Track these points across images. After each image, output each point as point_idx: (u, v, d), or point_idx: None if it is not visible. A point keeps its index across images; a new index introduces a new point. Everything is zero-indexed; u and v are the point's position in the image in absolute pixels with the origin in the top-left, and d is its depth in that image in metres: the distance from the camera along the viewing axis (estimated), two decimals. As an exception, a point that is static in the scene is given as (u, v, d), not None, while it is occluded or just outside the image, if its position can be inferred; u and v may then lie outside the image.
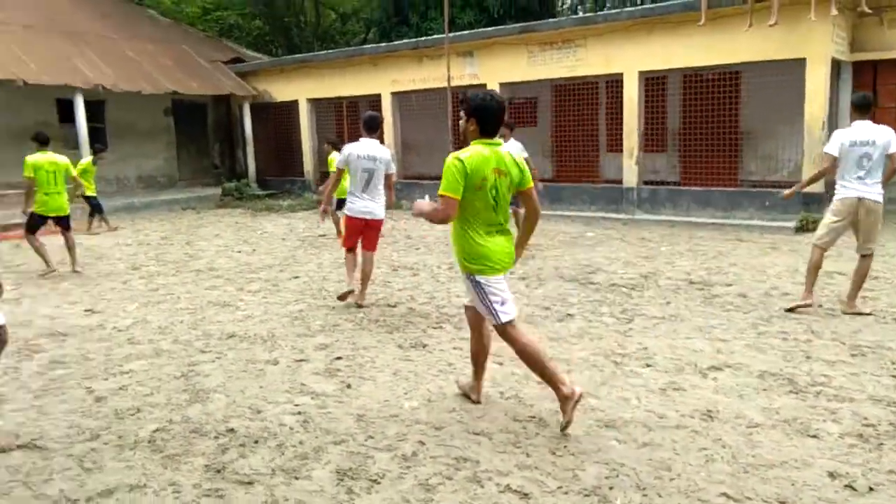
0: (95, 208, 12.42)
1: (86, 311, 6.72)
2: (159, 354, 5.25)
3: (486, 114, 3.71)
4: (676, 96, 13.28)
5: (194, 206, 16.40)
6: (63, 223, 8.69)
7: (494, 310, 3.79)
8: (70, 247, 8.76)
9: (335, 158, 8.82)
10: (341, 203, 10.76)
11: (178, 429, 3.85)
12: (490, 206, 3.69)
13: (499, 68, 14.32)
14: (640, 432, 3.68)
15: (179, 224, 13.77)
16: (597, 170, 14.33)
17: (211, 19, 25.33)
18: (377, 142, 6.60)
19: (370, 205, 6.61)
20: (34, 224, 8.60)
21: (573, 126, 13.93)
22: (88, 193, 12.03)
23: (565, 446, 3.51)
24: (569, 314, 6.19)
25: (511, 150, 3.81)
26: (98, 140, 15.28)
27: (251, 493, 3.12)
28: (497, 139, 3.78)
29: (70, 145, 15.02)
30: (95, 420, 4.00)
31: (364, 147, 6.51)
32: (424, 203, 3.87)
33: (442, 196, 3.62)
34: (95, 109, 16.07)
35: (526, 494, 3.05)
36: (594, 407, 4.03)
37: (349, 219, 6.70)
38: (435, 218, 3.72)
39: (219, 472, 3.33)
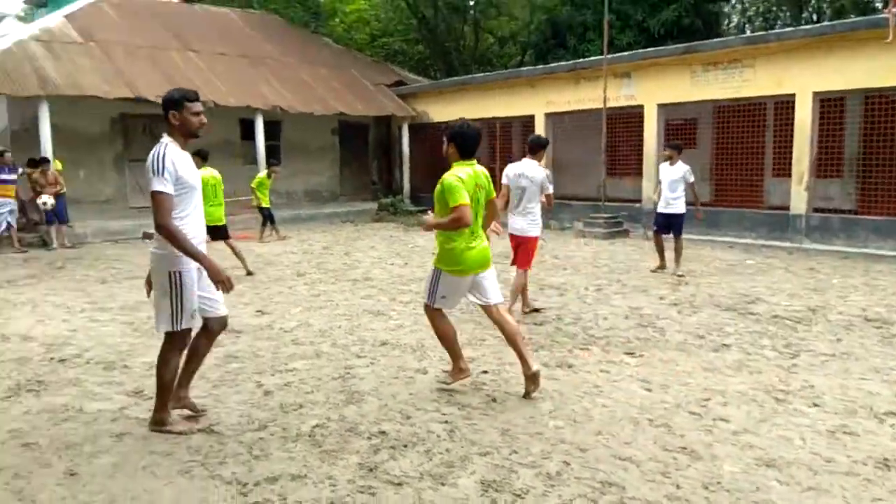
0: (268, 218, 13.48)
1: (257, 311, 7.31)
2: (319, 356, 5.61)
3: (463, 139, 4.46)
4: (856, 119, 12.26)
5: (353, 220, 17.34)
6: (221, 233, 9.49)
7: (433, 295, 4.66)
8: (236, 253, 9.60)
9: None
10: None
11: (335, 426, 4.10)
12: (473, 215, 4.39)
13: (657, 89, 13.96)
14: (805, 475, 3.43)
15: (339, 235, 14.62)
16: (760, 195, 13.52)
17: (378, 45, 26.82)
18: (535, 163, 6.81)
19: (521, 222, 6.79)
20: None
21: (736, 149, 13.25)
22: (263, 205, 13.10)
23: (719, 482, 3.35)
24: (724, 344, 5.89)
25: (677, 172, 4.19)
26: (273, 156, 16.66)
27: (400, 495, 3.26)
28: (472, 160, 4.52)
29: (248, 160, 16.48)
30: (263, 412, 4.35)
31: (520, 167, 6.81)
32: (431, 217, 4.52)
33: (457, 206, 4.27)
34: (273, 128, 17.52)
35: (675, 526, 2.95)
36: (752, 444, 3.81)
37: (510, 236, 6.99)
38: (458, 225, 4.33)
39: (371, 470, 3.51)
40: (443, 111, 18.69)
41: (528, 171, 6.77)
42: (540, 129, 16.24)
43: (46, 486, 3.34)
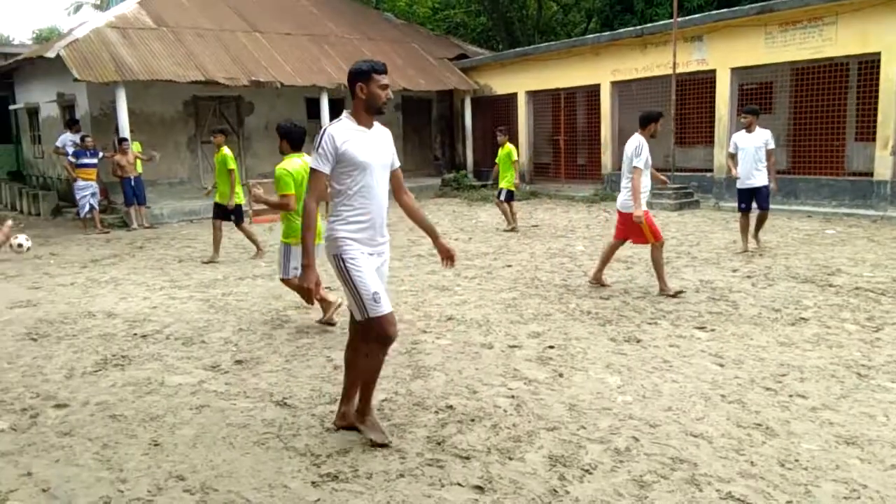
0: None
1: (325, 288, 7.46)
2: (386, 331, 5.69)
3: (292, 135, 5.67)
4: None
5: (416, 195, 17.37)
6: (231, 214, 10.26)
7: (286, 268, 5.84)
8: (249, 236, 10.11)
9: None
10: (510, 194, 11.13)
11: (403, 400, 4.17)
12: (298, 199, 5.35)
13: (730, 52, 13.38)
14: (888, 453, 3.29)
15: (403, 212, 14.69)
16: (841, 161, 12.85)
17: (439, 18, 26.62)
18: (636, 134, 6.77)
19: (620, 198, 6.86)
20: None
21: (815, 113, 12.60)
22: None
23: (797, 460, 3.25)
24: (802, 318, 5.66)
25: (758, 139, 4.36)
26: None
27: (468, 468, 3.29)
28: (301, 152, 5.68)
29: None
30: (334, 386, 4.46)
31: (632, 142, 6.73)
32: (261, 192, 5.60)
33: (284, 195, 5.49)
34: (337, 106, 17.69)
35: (749, 504, 2.88)
36: (832, 421, 3.67)
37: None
38: (284, 209, 5.62)
39: (439, 444, 3.55)
40: (505, 83, 18.46)
41: (626, 146, 6.76)
42: (605, 98, 15.86)
43: (133, 456, 3.53)
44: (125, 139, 13.22)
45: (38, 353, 5.36)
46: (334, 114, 17.10)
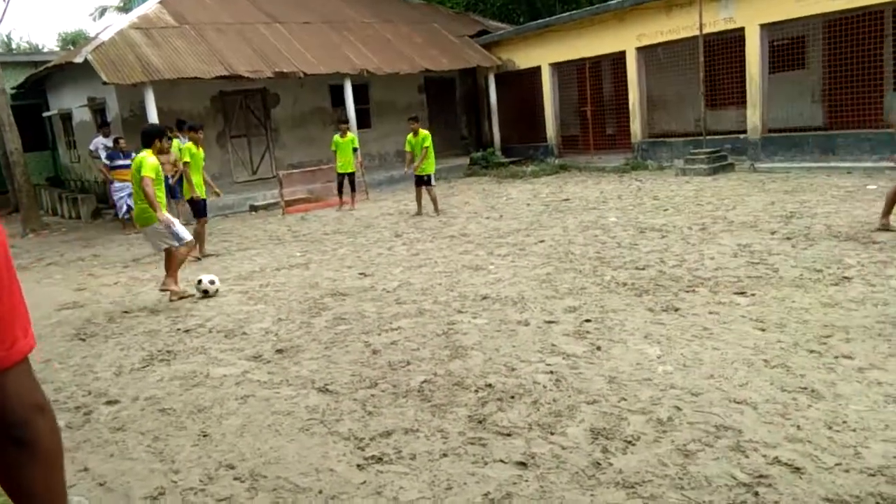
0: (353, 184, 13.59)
1: (359, 274, 7.54)
2: (422, 314, 5.74)
3: (146, 137, 7.20)
4: None
5: (445, 176, 17.37)
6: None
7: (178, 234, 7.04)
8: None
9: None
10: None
11: (442, 381, 4.20)
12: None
13: (759, 9, 12.98)
14: (941, 412, 3.21)
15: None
16: (880, 113, 12.43)
17: (457, -6, 26.28)
18: None
19: None
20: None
21: (851, 65, 12.19)
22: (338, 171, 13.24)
23: (845, 422, 3.20)
24: (846, 277, 5.53)
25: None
26: (363, 119, 16.94)
27: (510, 445, 3.31)
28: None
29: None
30: (373, 370, 4.52)
31: None
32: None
33: (148, 178, 6.74)
34: (361, 92, 17.71)
35: (798, 469, 2.85)
36: (880, 381, 3.59)
37: None
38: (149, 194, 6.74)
39: (480, 422, 3.58)
40: (528, 57, 18.23)
41: None
42: (631, 65, 15.57)
43: (183, 448, 3.63)
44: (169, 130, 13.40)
45: (87, 353, 5.52)
46: (358, 100, 17.16)
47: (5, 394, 1.02)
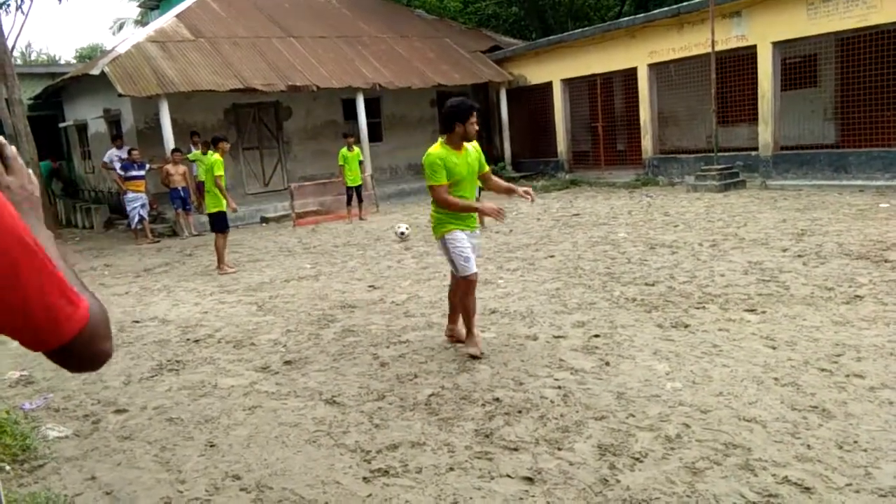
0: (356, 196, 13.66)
1: (369, 286, 7.55)
2: (431, 326, 5.73)
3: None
4: None
5: (456, 190, 17.44)
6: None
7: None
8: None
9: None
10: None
11: (450, 395, 4.19)
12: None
13: (772, 26, 13.00)
14: (954, 433, 3.17)
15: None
16: (893, 132, 12.38)
17: (470, 11, 26.51)
18: None
19: None
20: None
21: (864, 83, 12.16)
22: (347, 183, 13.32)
23: (856, 442, 3.16)
24: (857, 296, 5.49)
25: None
26: (375, 133, 17.07)
27: (517, 460, 3.29)
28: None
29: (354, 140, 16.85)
30: (381, 382, 4.51)
31: None
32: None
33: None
34: (373, 105, 17.83)
35: (808, 488, 2.81)
36: (892, 401, 3.55)
37: None
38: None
39: (487, 436, 3.56)
40: (540, 73, 18.31)
41: None
42: (643, 81, 15.60)
43: (190, 458, 3.63)
44: (178, 149, 13.54)
45: (97, 362, 5.54)
46: (370, 113, 17.26)
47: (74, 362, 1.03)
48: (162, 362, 5.37)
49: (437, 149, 4.96)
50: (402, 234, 9.33)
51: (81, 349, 1.00)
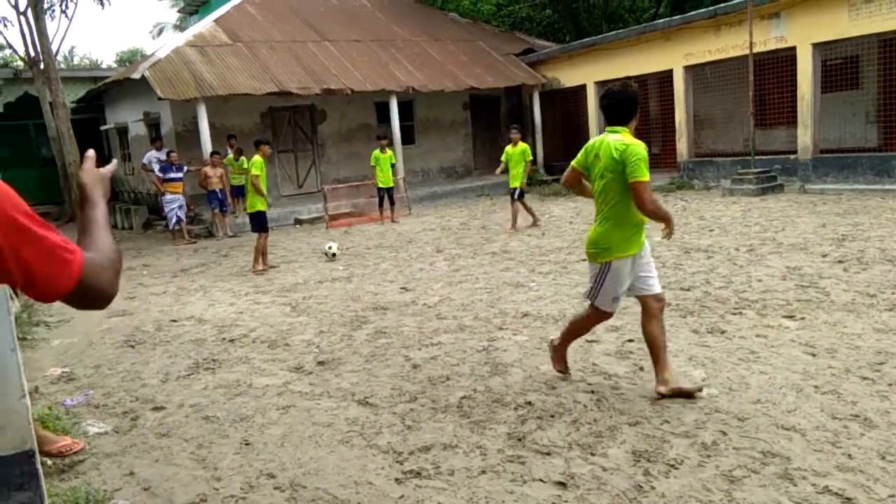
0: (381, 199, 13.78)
1: (401, 289, 7.58)
2: (463, 329, 5.73)
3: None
4: None
5: (488, 193, 17.41)
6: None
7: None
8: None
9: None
10: (522, 192, 10.98)
11: (482, 398, 4.18)
12: None
13: (811, 27, 12.74)
14: None
15: (475, 210, 14.76)
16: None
17: (504, 14, 26.46)
18: None
19: None
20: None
21: (908, 85, 11.85)
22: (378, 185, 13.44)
23: (898, 452, 3.08)
24: (902, 304, 5.35)
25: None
26: (407, 136, 17.15)
27: (550, 464, 3.28)
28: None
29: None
30: (413, 384, 4.53)
31: None
32: None
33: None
34: (406, 108, 17.91)
35: (849, 499, 2.75)
36: (937, 411, 3.45)
37: None
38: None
39: (520, 440, 3.55)
40: (574, 75, 18.20)
41: None
42: (678, 84, 15.41)
43: (226, 455, 3.69)
44: (216, 152, 13.78)
45: (136, 359, 5.67)
46: (403, 117, 17.34)
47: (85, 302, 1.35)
48: (198, 361, 5.46)
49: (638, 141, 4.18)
50: (334, 254, 9.72)
51: (82, 295, 1.30)
